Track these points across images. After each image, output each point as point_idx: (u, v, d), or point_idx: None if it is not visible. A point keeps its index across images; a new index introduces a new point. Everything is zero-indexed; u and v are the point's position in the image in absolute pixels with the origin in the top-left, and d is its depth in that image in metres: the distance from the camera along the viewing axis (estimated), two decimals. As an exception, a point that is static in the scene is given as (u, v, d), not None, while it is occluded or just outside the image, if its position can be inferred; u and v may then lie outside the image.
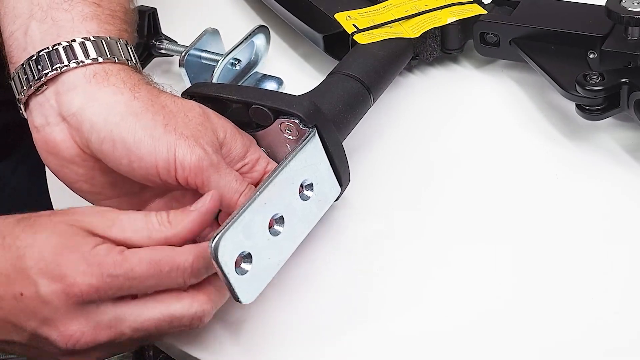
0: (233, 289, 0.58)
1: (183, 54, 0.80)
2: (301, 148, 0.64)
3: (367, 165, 0.74)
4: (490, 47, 0.79)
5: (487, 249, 0.67)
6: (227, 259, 0.58)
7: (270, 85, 0.84)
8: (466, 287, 0.65)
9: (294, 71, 0.84)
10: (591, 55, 0.73)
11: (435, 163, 0.75)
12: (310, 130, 0.66)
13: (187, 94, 0.69)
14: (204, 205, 0.60)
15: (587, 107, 0.71)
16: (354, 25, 0.79)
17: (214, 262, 0.57)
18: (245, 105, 0.67)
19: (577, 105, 0.72)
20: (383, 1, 0.82)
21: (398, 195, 0.73)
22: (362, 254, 0.69)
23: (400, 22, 0.79)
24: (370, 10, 0.81)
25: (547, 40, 0.76)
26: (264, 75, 0.84)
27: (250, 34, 0.82)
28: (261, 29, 0.82)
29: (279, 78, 0.84)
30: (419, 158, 0.75)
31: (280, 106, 0.66)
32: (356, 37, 0.78)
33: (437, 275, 0.66)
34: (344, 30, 0.79)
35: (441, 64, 0.83)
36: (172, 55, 0.85)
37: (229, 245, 0.58)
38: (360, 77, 0.74)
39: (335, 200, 0.69)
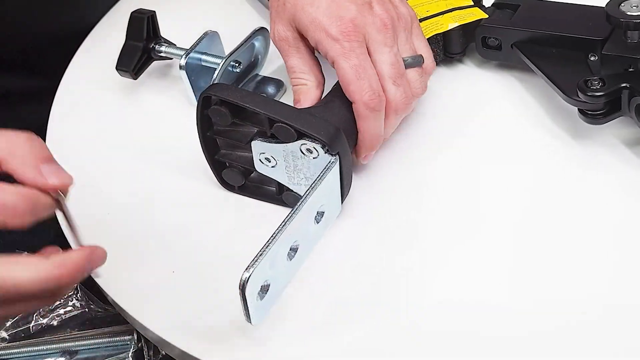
0: (249, 314, 0.60)
1: (183, 57, 0.80)
2: (323, 178, 0.65)
3: (367, 165, 0.74)
4: (492, 51, 0.79)
5: (491, 247, 0.68)
6: (252, 289, 0.59)
7: (271, 87, 0.83)
8: (469, 286, 0.65)
9: (294, 73, 0.84)
10: (592, 58, 0.74)
11: (437, 161, 0.75)
12: (333, 158, 0.66)
13: (207, 95, 0.69)
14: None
15: (589, 112, 0.71)
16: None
17: (240, 291, 0.58)
18: (269, 120, 0.67)
19: (579, 109, 0.72)
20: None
21: (400, 195, 0.73)
22: (362, 254, 0.69)
23: (403, 29, 0.79)
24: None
25: (548, 44, 0.76)
26: (264, 77, 0.84)
27: (250, 36, 0.81)
28: (261, 30, 0.82)
29: (279, 80, 0.84)
30: (421, 157, 0.75)
31: (308, 130, 0.66)
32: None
33: (439, 275, 0.67)
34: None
35: (444, 62, 0.83)
36: (172, 59, 0.84)
37: (256, 277, 0.59)
38: None
39: None
